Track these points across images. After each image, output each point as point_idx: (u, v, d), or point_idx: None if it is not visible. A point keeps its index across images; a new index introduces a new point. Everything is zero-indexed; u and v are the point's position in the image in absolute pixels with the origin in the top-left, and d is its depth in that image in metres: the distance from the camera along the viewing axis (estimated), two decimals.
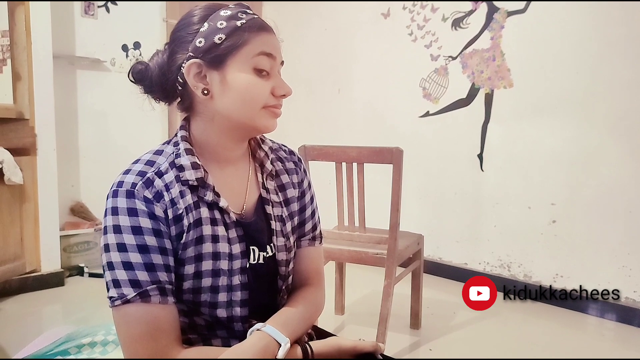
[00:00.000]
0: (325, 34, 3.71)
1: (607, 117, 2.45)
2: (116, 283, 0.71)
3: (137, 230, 0.72)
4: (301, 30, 3.82)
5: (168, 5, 3.47)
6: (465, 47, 2.95)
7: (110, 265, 0.71)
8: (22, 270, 2.61)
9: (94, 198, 3.12)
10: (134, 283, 0.70)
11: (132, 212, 0.72)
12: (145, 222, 0.73)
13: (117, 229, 0.72)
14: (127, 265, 0.70)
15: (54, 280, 2.71)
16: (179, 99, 0.84)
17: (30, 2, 2.54)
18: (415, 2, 3.17)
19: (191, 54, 0.77)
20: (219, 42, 0.76)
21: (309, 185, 0.99)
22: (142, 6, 3.32)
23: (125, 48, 3.27)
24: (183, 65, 0.78)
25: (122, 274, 0.70)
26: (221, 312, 0.80)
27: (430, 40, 3.12)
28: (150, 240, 0.72)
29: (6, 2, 2.48)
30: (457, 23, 2.99)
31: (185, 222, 0.76)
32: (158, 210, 0.74)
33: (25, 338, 2.06)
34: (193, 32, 0.78)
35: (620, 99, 2.40)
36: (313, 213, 0.98)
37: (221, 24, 0.77)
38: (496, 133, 2.87)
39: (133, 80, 0.84)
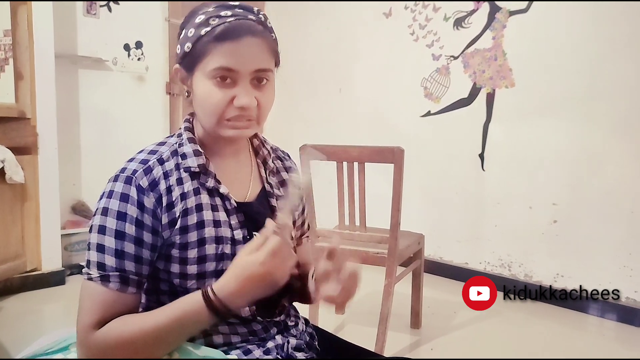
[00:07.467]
0: (327, 33, 3.71)
1: (609, 116, 2.45)
2: (88, 262, 0.76)
3: (121, 216, 0.75)
4: (303, 29, 3.82)
5: (170, 5, 3.47)
6: (467, 47, 2.95)
7: (89, 246, 0.76)
8: (23, 268, 2.61)
9: (95, 197, 3.00)
10: (100, 266, 0.74)
11: (124, 197, 0.75)
12: (131, 210, 0.75)
13: (105, 212, 0.75)
14: (100, 248, 0.74)
15: (54, 279, 2.71)
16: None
17: (32, 1, 2.54)
18: (417, 1, 3.16)
19: (177, 59, 0.82)
20: (188, 50, 0.79)
21: None
22: (144, 6, 3.32)
23: (127, 47, 3.27)
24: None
25: (93, 255, 0.75)
26: None
27: (432, 39, 3.12)
28: (129, 229, 0.75)
29: (9, 1, 2.48)
30: (458, 22, 2.99)
31: (179, 208, 0.78)
32: (148, 201, 0.76)
33: (26, 336, 2.07)
34: (179, 36, 0.81)
35: (623, 99, 2.40)
36: (303, 211, 1.03)
37: (190, 32, 0.78)
38: (497, 133, 2.86)
39: None
